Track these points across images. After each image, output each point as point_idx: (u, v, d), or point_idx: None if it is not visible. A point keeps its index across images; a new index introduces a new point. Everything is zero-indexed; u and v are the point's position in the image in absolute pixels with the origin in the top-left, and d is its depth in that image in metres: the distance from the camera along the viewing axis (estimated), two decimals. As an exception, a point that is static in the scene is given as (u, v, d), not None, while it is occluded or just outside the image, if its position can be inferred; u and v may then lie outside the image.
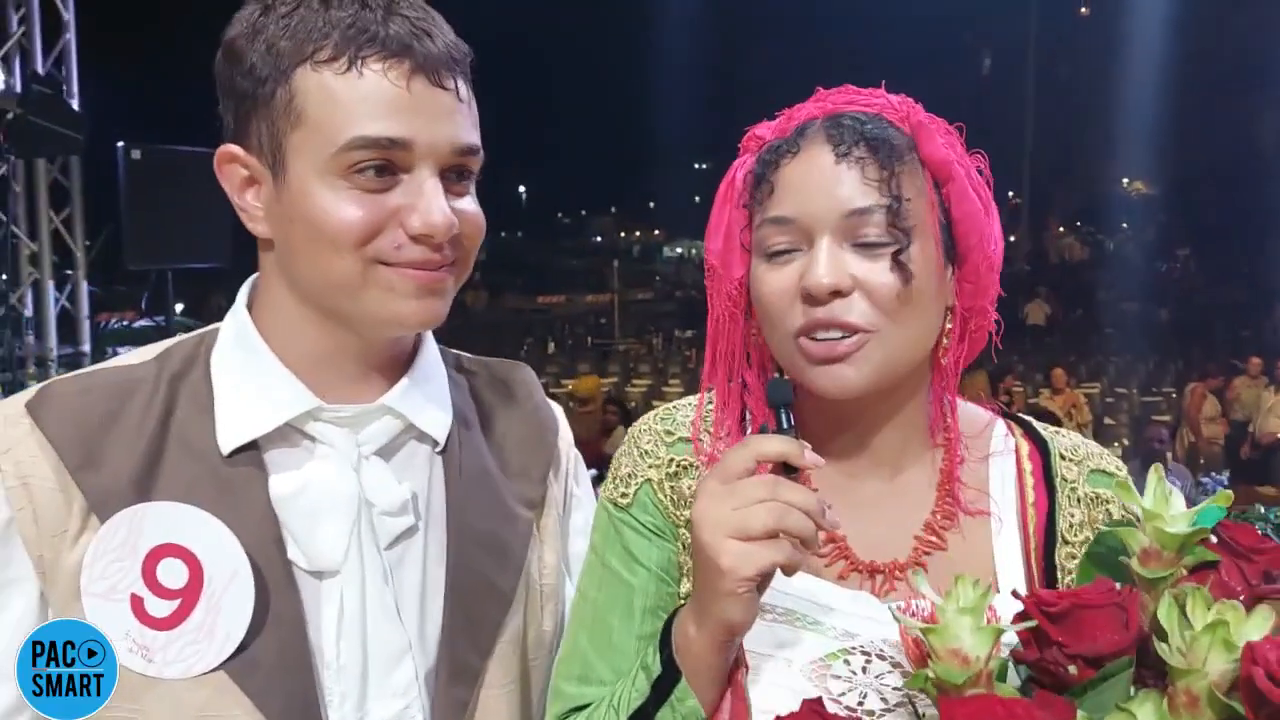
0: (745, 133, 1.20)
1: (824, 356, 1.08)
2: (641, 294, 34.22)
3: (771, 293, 1.11)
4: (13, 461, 1.07)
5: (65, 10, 6.70)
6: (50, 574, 1.07)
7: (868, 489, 1.18)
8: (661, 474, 1.21)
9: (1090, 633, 0.86)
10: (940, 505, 1.18)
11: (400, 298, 1.09)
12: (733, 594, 0.98)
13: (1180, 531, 0.89)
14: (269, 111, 1.07)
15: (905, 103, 1.15)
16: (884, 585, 1.15)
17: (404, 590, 1.17)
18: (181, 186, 6.21)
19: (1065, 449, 1.22)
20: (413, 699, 1.15)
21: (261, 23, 1.08)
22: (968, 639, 0.85)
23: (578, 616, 1.23)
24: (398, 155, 1.06)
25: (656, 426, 1.24)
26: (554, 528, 1.31)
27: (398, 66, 1.05)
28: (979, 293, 1.16)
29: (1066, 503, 1.18)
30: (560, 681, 1.21)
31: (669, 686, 1.06)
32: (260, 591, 1.07)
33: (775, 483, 0.98)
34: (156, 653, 1.05)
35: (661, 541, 1.20)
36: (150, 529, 1.06)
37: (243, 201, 1.13)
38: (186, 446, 1.10)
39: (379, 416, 1.17)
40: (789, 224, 1.09)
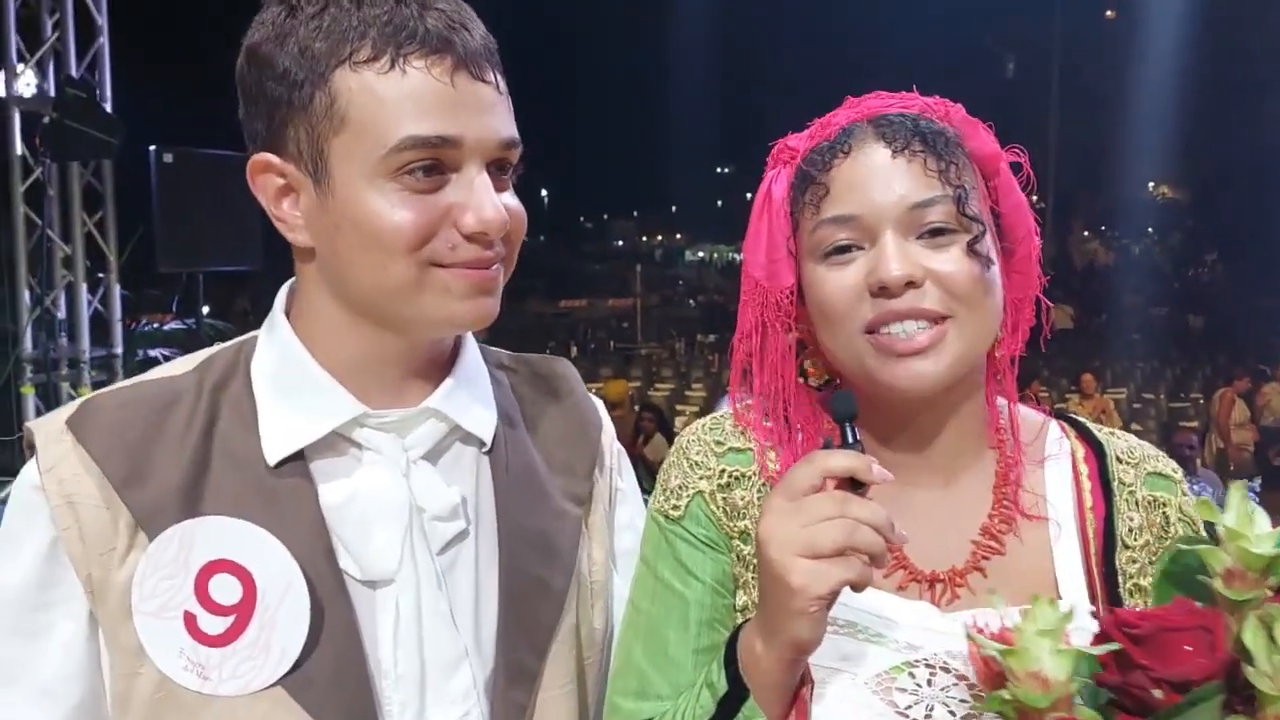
0: (772, 141, 1.20)
1: (904, 350, 1.07)
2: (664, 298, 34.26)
3: (836, 291, 1.10)
4: (56, 480, 1.05)
5: (99, 15, 6.74)
6: (100, 592, 1.05)
7: (923, 495, 1.17)
8: (713, 485, 1.19)
9: (1176, 656, 0.83)
10: (997, 509, 1.16)
11: (456, 299, 1.07)
12: (803, 612, 0.97)
13: (1266, 552, 0.86)
14: (307, 116, 1.04)
15: (941, 102, 1.16)
16: (944, 594, 1.13)
17: (457, 595, 1.15)
18: (213, 190, 6.26)
19: (1121, 452, 1.20)
20: (471, 705, 1.13)
21: (289, 25, 1.04)
22: (1048, 662, 0.84)
23: (631, 629, 1.22)
24: (447, 153, 1.04)
25: (706, 437, 1.23)
26: (601, 523, 1.30)
27: (440, 62, 1.03)
28: (1027, 284, 1.17)
29: (1125, 506, 1.17)
30: (616, 697, 1.20)
31: (736, 704, 1.05)
32: (314, 604, 1.05)
33: (844, 499, 0.97)
34: (212, 670, 1.04)
35: (715, 553, 1.19)
36: (201, 545, 1.05)
37: (279, 211, 1.09)
38: (231, 458, 1.08)
39: (424, 420, 1.15)
40: (850, 221, 1.09)
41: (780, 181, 1.16)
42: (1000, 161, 1.15)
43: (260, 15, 1.07)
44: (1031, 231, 1.17)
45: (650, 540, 1.23)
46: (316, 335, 1.13)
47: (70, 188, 6.59)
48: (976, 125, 1.15)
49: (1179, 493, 1.20)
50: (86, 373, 6.55)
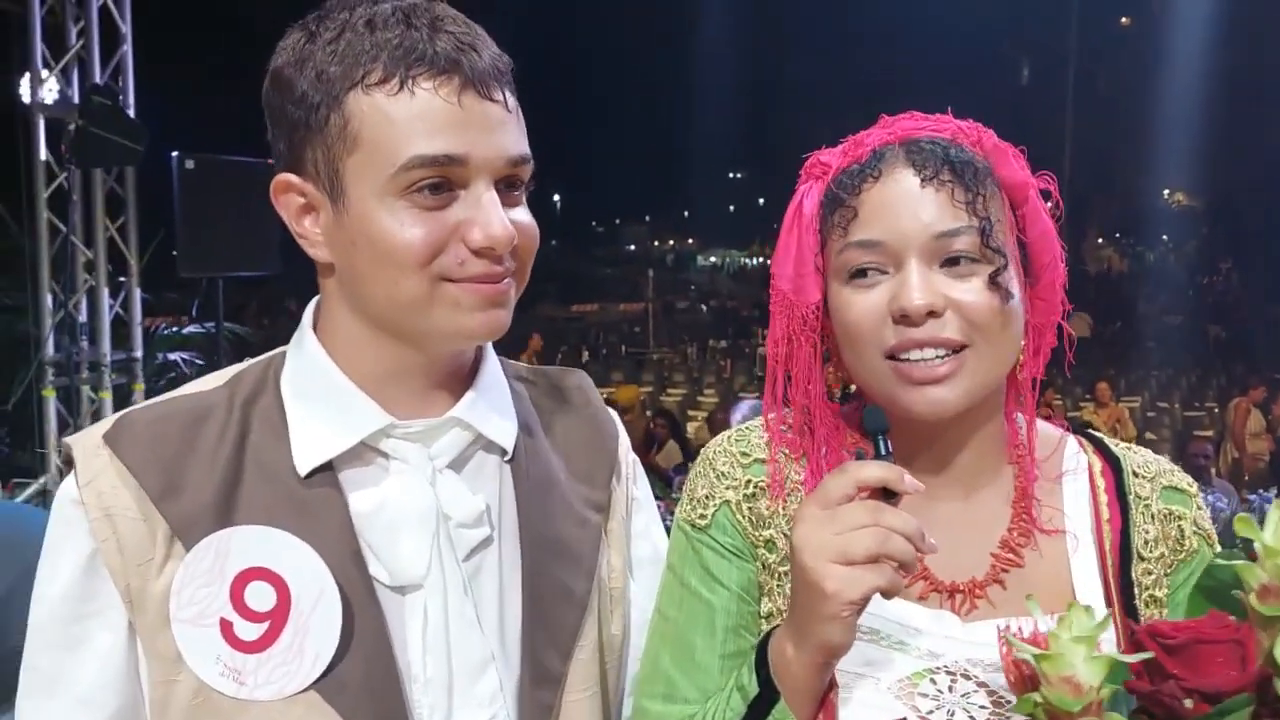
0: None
1: (923, 378, 1.10)
2: (676, 303, 34.23)
3: (860, 315, 1.13)
4: (95, 493, 1.08)
5: (122, 22, 6.81)
6: (138, 602, 1.08)
7: (944, 509, 1.19)
8: (739, 495, 1.23)
9: (1208, 668, 0.85)
10: (1016, 522, 1.19)
11: (466, 312, 1.10)
12: (836, 617, 1.00)
13: None
14: (323, 138, 1.07)
15: (975, 127, 1.18)
16: (964, 604, 1.16)
17: (483, 600, 1.18)
18: (233, 196, 6.30)
19: (1138, 466, 1.24)
20: (498, 708, 1.16)
21: (308, 50, 1.08)
22: (1081, 668, 0.86)
23: (659, 636, 1.25)
24: (454, 171, 1.06)
25: (732, 449, 1.26)
26: (619, 531, 1.33)
27: (448, 83, 1.06)
28: (1050, 309, 1.20)
29: (1141, 519, 1.20)
30: (644, 700, 1.23)
31: (767, 707, 1.08)
32: (346, 610, 1.08)
33: (877, 508, 1.00)
34: (248, 675, 1.07)
35: (741, 561, 1.22)
36: (237, 553, 1.08)
37: (301, 228, 1.13)
38: (263, 470, 1.12)
39: (449, 429, 1.18)
40: (876, 246, 1.12)
41: (811, 197, 1.19)
42: (1030, 190, 1.17)
43: (283, 40, 1.11)
44: (1057, 259, 1.19)
45: (677, 549, 1.26)
46: (341, 348, 1.16)
47: (93, 193, 6.64)
48: (1007, 153, 1.17)
49: (1194, 506, 1.23)
50: (107, 376, 6.61)
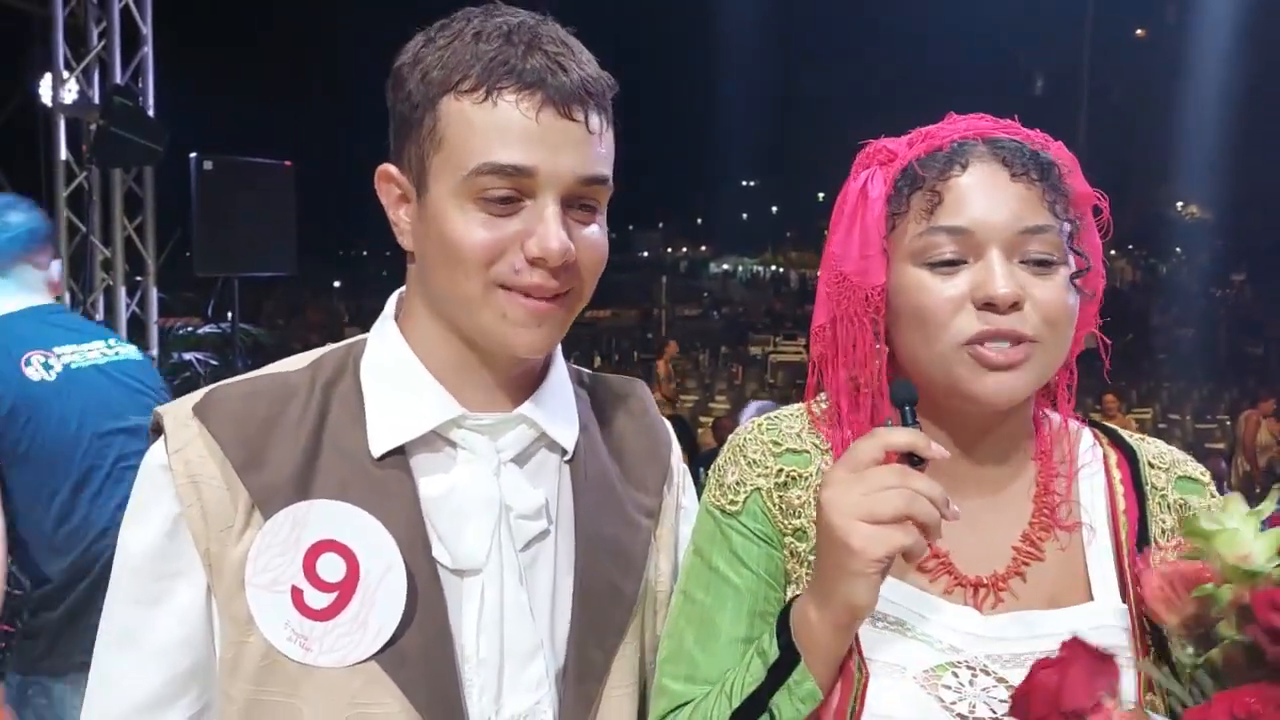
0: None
1: (1000, 363, 1.11)
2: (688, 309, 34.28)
3: (939, 300, 1.13)
4: (183, 461, 1.13)
5: (144, 24, 6.88)
6: (217, 566, 1.12)
7: (970, 505, 1.20)
8: (770, 483, 1.24)
9: None
10: (1037, 517, 1.21)
11: (511, 325, 1.13)
12: (861, 574, 1.02)
13: None
14: (418, 135, 1.13)
15: (1043, 136, 1.19)
16: (986, 598, 1.18)
17: (536, 591, 1.21)
18: (251, 197, 6.35)
19: (1153, 456, 1.25)
20: (544, 694, 1.19)
21: (423, 53, 1.14)
22: (1254, 544, 0.90)
23: (684, 617, 1.26)
24: (523, 182, 1.10)
25: (763, 437, 1.27)
26: (669, 537, 1.36)
27: (530, 99, 1.10)
28: (1087, 320, 1.22)
29: (1158, 509, 1.21)
30: (666, 680, 1.25)
31: (787, 670, 1.10)
32: (410, 587, 1.12)
33: (904, 471, 1.03)
34: (314, 642, 1.11)
35: (769, 548, 1.23)
36: (313, 525, 1.12)
37: (395, 217, 1.19)
38: (340, 449, 1.16)
39: (515, 425, 1.22)
40: (962, 234, 1.12)
41: (877, 181, 1.18)
42: (1090, 204, 1.19)
43: (409, 42, 1.17)
44: (1100, 274, 1.21)
45: (704, 532, 1.28)
46: (419, 339, 1.21)
47: (112, 193, 6.71)
48: (1077, 164, 1.18)
49: (1208, 495, 1.24)
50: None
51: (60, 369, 2.89)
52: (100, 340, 3.04)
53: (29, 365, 2.84)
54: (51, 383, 2.85)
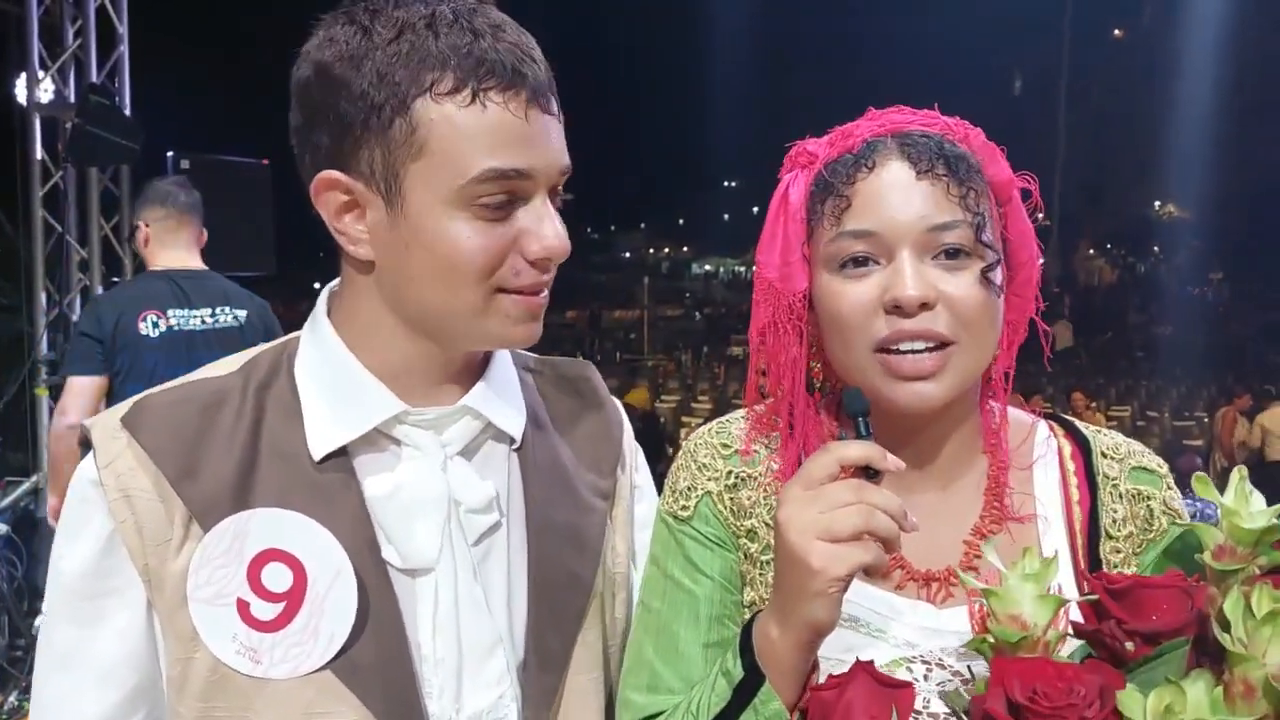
0: (787, 149, 1.22)
1: (912, 373, 1.11)
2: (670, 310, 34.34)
3: (850, 305, 1.13)
4: (114, 475, 1.09)
5: (119, 23, 6.83)
6: (156, 581, 1.09)
7: (920, 499, 1.21)
8: (720, 486, 1.24)
9: (1150, 611, 0.88)
10: (988, 509, 1.21)
11: (514, 323, 1.13)
12: (822, 594, 1.01)
13: (1256, 527, 0.91)
14: (385, 140, 1.07)
15: (961, 124, 1.19)
16: (939, 592, 1.18)
17: (491, 584, 1.19)
18: (229, 196, 6.30)
19: (1107, 447, 1.25)
20: (506, 689, 1.18)
21: (365, 47, 1.06)
22: (1028, 606, 0.89)
23: (642, 627, 1.26)
24: (519, 185, 1.08)
25: (713, 440, 1.28)
26: (624, 518, 1.35)
27: (515, 97, 1.07)
28: (1024, 306, 1.22)
29: (1109, 499, 1.21)
30: (629, 692, 1.24)
31: (752, 690, 1.08)
32: (360, 591, 1.10)
33: (861, 486, 1.02)
34: (264, 654, 1.08)
35: (723, 551, 1.23)
36: (255, 535, 1.09)
37: (341, 225, 1.12)
38: (278, 454, 1.13)
39: (460, 418, 1.20)
40: (869, 236, 1.12)
41: (798, 186, 1.19)
42: (1014, 189, 1.18)
43: (327, 31, 1.10)
44: (1034, 257, 1.21)
45: (660, 540, 1.28)
46: (362, 339, 1.17)
47: (88, 192, 6.65)
48: (995, 151, 1.18)
49: (1163, 487, 1.24)
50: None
51: (164, 329, 3.87)
52: (208, 307, 4.00)
53: (144, 321, 3.85)
54: (154, 339, 3.83)
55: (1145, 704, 0.83)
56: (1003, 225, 1.18)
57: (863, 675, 1.00)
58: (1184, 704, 0.82)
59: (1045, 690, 0.84)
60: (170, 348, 3.86)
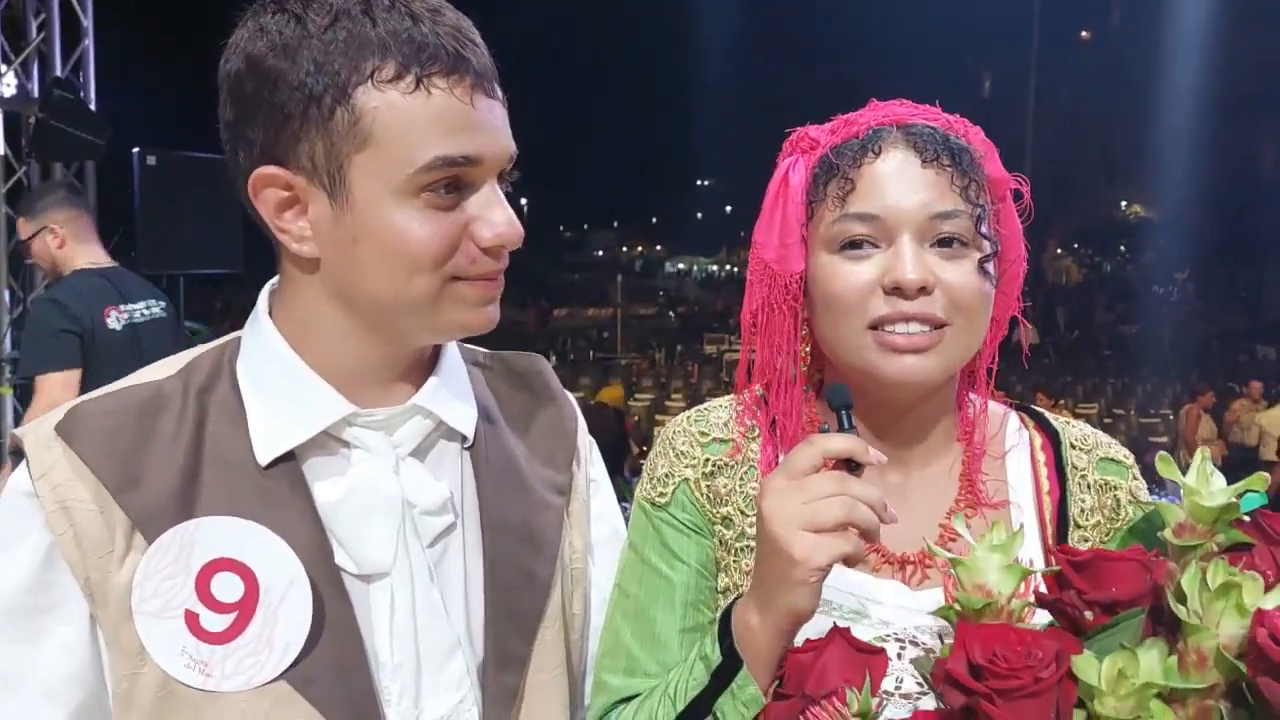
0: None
1: (906, 346, 1.13)
2: (644, 309, 34.37)
3: (849, 285, 1.15)
4: (50, 486, 1.05)
5: (84, 16, 6.75)
6: (99, 595, 1.05)
7: (895, 483, 1.24)
8: (698, 473, 1.26)
9: (1109, 583, 0.91)
10: (962, 495, 1.24)
11: (471, 308, 1.11)
12: (804, 583, 1.03)
13: (1216, 505, 0.93)
14: (326, 132, 1.03)
15: (962, 122, 1.21)
16: (914, 574, 1.20)
17: (448, 586, 1.17)
18: (195, 192, 6.25)
19: (1076, 439, 1.28)
20: (466, 691, 1.16)
21: (298, 36, 1.03)
22: (994, 575, 0.92)
23: (619, 611, 1.27)
24: (468, 171, 1.06)
25: (691, 428, 1.29)
26: (580, 512, 1.33)
27: (460, 83, 1.04)
28: (1007, 304, 1.25)
29: (1077, 489, 1.24)
30: (605, 675, 1.25)
31: (730, 675, 1.10)
32: (315, 599, 1.07)
33: (844, 478, 1.04)
34: (214, 667, 1.05)
35: (699, 538, 1.25)
36: (202, 545, 1.05)
37: (282, 222, 1.08)
38: (223, 460, 1.09)
39: (410, 417, 1.17)
40: (873, 220, 1.14)
41: (799, 169, 1.20)
42: (1007, 188, 1.21)
43: (255, 21, 1.06)
44: (1020, 257, 1.24)
45: (637, 527, 1.29)
46: (308, 338, 1.14)
47: (50, 189, 6.56)
48: (993, 150, 1.21)
49: (1130, 477, 1.27)
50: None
51: (123, 323, 4.10)
52: (142, 301, 4.23)
53: (109, 316, 4.05)
54: (119, 332, 4.06)
55: (1100, 669, 0.85)
56: (995, 223, 1.20)
57: (839, 640, 1.02)
58: (1137, 670, 0.84)
59: (1004, 653, 0.86)
60: (129, 342, 4.07)
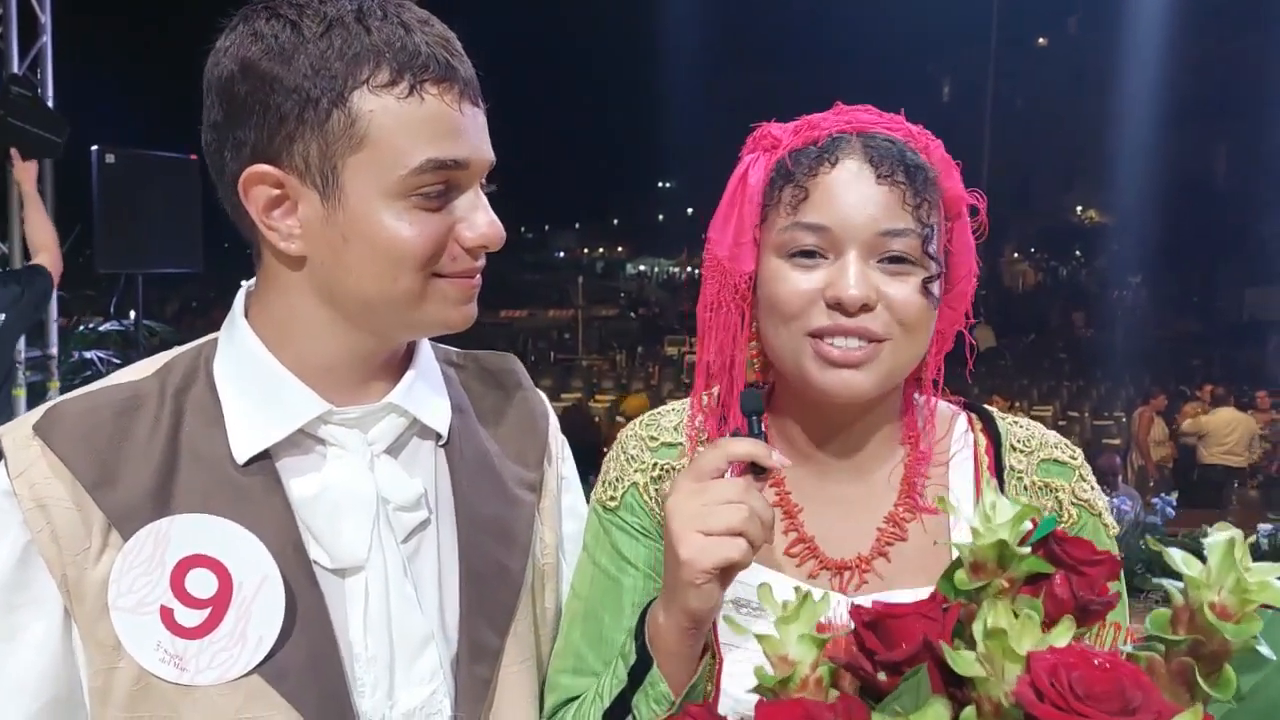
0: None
1: (842, 360, 1.14)
2: (604, 310, 34.32)
3: (792, 293, 1.16)
4: (27, 484, 1.07)
5: (42, 13, 6.65)
6: (75, 591, 1.08)
7: (835, 488, 1.25)
8: (646, 478, 1.28)
9: (896, 641, 0.87)
10: (902, 499, 1.25)
11: (452, 306, 1.15)
12: (691, 584, 1.05)
13: (994, 542, 0.89)
14: (322, 133, 1.07)
15: (925, 134, 1.22)
16: (851, 580, 1.22)
17: (422, 580, 1.20)
18: (155, 191, 6.20)
19: (1018, 440, 1.28)
20: (439, 683, 1.19)
21: (294, 42, 1.06)
22: (793, 647, 0.88)
23: (570, 613, 1.30)
24: (456, 175, 1.10)
25: (641, 432, 1.32)
26: (552, 509, 1.36)
27: (450, 90, 1.09)
28: (956, 318, 1.26)
29: (1014, 492, 1.24)
30: (556, 675, 1.28)
31: (643, 672, 1.13)
32: (288, 594, 1.09)
33: (745, 488, 1.06)
34: (189, 661, 1.07)
35: (649, 541, 1.27)
36: (177, 542, 1.08)
37: (270, 220, 1.11)
38: (199, 458, 1.12)
39: (385, 415, 1.20)
40: (823, 231, 1.14)
41: (758, 169, 1.20)
42: (963, 205, 1.21)
43: (248, 26, 1.09)
44: (971, 273, 1.24)
45: (590, 529, 1.32)
46: (284, 338, 1.16)
47: (9, 187, 6.48)
48: (952, 166, 1.21)
49: (1075, 478, 1.26)
50: (21, 373, 6.44)
51: None
52: None
53: None
54: None
55: None
56: (948, 239, 1.21)
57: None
58: None
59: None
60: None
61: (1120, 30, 27.58)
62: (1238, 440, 11.63)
